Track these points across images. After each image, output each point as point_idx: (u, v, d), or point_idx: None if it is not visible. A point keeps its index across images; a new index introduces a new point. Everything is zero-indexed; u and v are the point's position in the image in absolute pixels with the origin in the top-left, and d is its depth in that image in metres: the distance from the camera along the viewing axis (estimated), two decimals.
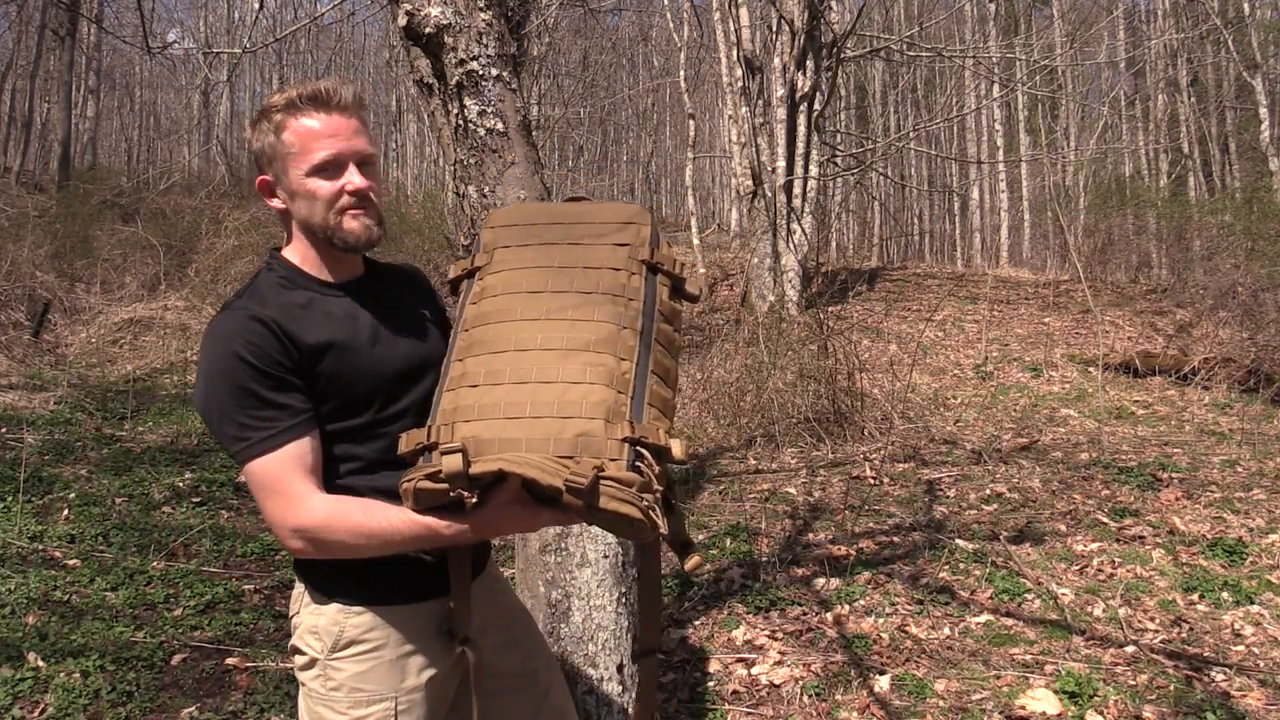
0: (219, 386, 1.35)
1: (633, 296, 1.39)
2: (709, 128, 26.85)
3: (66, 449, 5.84)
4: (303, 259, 1.51)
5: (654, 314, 1.40)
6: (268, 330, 1.36)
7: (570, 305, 1.37)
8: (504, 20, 2.21)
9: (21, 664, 3.07)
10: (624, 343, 1.33)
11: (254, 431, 1.35)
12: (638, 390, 1.30)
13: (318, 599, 1.47)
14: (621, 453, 1.23)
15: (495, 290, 1.42)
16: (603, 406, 1.26)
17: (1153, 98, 21.83)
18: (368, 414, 1.45)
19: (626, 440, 1.24)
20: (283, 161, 1.45)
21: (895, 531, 4.64)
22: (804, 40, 11.04)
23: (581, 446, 1.23)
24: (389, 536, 1.34)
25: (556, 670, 1.73)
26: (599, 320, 1.35)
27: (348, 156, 1.44)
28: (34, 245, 10.91)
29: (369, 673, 1.43)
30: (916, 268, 16.45)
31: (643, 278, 1.42)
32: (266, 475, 1.35)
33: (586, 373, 1.29)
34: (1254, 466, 5.70)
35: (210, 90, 27.25)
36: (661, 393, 1.34)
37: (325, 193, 1.43)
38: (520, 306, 1.39)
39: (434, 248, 11.76)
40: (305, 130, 1.42)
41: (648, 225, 1.47)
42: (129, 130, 28.36)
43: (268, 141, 1.45)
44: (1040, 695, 2.95)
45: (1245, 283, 10.59)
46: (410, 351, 1.51)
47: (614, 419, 1.26)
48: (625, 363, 1.31)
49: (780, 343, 7.59)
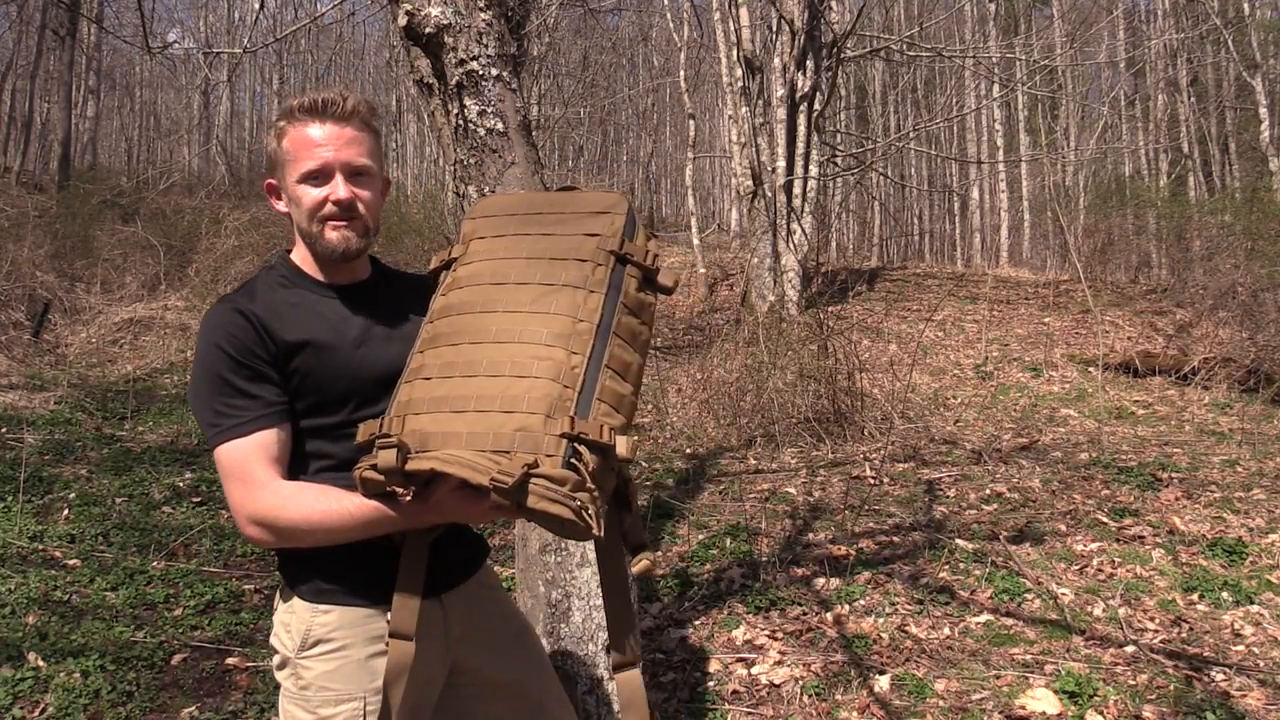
0: (200, 373, 1.42)
1: (594, 288, 1.36)
2: (709, 128, 26.86)
3: (66, 449, 5.84)
4: (303, 260, 1.57)
5: (616, 306, 1.37)
6: (248, 323, 1.41)
7: (530, 298, 1.36)
8: (504, 20, 2.21)
9: (22, 664, 3.07)
10: (579, 336, 1.31)
11: (225, 418, 1.39)
12: (586, 385, 1.28)
13: (289, 595, 1.49)
14: (558, 449, 1.21)
15: (462, 282, 1.42)
16: (545, 401, 1.24)
17: (1153, 98, 21.83)
18: (342, 413, 1.47)
19: (564, 436, 1.22)
20: (283, 168, 1.51)
21: (895, 531, 4.64)
22: (804, 40, 11.04)
23: (519, 442, 1.22)
24: (342, 519, 1.35)
25: (552, 679, 1.71)
26: (555, 313, 1.33)
27: (335, 167, 1.47)
28: (34, 245, 10.91)
29: (336, 672, 1.43)
30: (916, 268, 16.45)
31: (609, 269, 1.39)
32: (231, 460, 1.39)
33: (534, 366, 1.28)
34: (1254, 466, 5.70)
35: (210, 90, 27.26)
36: (616, 388, 1.31)
37: (309, 201, 1.48)
38: (483, 299, 1.38)
39: (434, 248, 11.74)
40: (301, 138, 1.48)
41: (622, 214, 1.44)
42: (129, 130, 28.37)
43: (272, 147, 1.53)
44: (1040, 695, 2.95)
45: (1245, 283, 10.59)
46: (397, 357, 1.50)
47: (555, 414, 1.24)
48: (576, 356, 1.29)
49: (780, 343, 7.59)
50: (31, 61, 17.93)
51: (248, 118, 29.89)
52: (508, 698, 1.61)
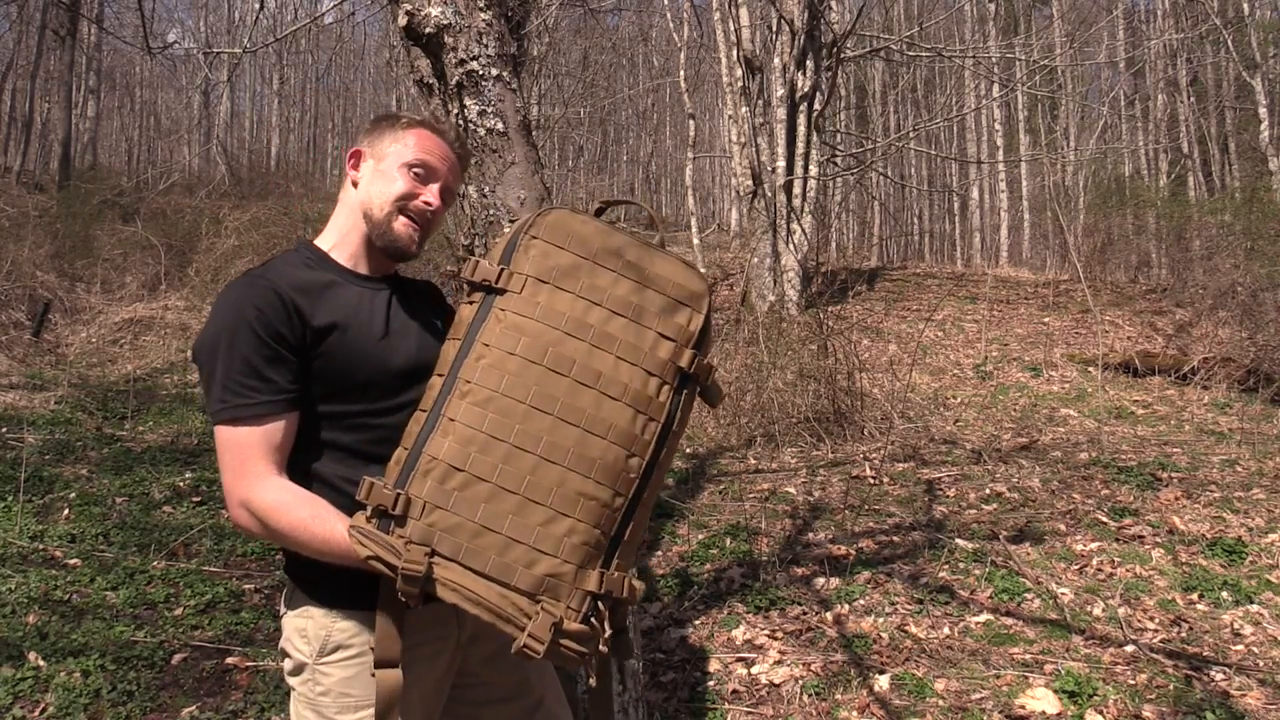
0: (219, 343, 1.38)
1: (655, 416, 1.30)
2: (709, 128, 26.85)
3: (67, 449, 5.84)
4: (334, 247, 1.55)
5: (670, 436, 1.32)
6: (280, 301, 1.39)
7: (590, 404, 1.27)
8: (504, 20, 2.21)
9: (22, 663, 3.08)
10: (626, 475, 1.27)
11: (235, 396, 1.36)
12: (619, 531, 1.27)
13: (304, 601, 1.46)
14: (582, 605, 1.23)
15: (515, 339, 1.31)
16: (581, 551, 1.24)
17: (1152, 98, 21.82)
18: (361, 402, 1.45)
19: (591, 594, 1.24)
20: (392, 144, 1.55)
21: (895, 531, 4.64)
22: (804, 40, 11.04)
23: (546, 588, 1.22)
24: (330, 549, 1.34)
25: (552, 678, 1.71)
26: (611, 441, 1.27)
27: (441, 175, 1.56)
28: (34, 245, 10.91)
29: (355, 678, 1.42)
30: (916, 267, 16.45)
31: (673, 389, 1.32)
32: (233, 442, 1.37)
33: (578, 506, 1.25)
34: (1253, 466, 5.71)
35: (210, 90, 27.25)
36: (644, 522, 1.31)
37: (404, 186, 1.52)
38: (536, 380, 1.27)
39: (434, 247, 11.75)
40: (428, 139, 1.56)
41: (703, 312, 1.36)
42: (129, 130, 28.37)
43: (390, 131, 1.56)
44: (1040, 695, 2.95)
45: (1245, 282, 10.60)
46: (418, 353, 1.50)
47: (587, 565, 1.24)
48: (619, 499, 1.27)
49: (780, 343, 7.60)
50: (32, 61, 17.93)
51: (248, 118, 29.90)
52: (511, 697, 1.61)
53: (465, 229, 2.24)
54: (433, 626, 1.48)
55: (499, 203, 2.15)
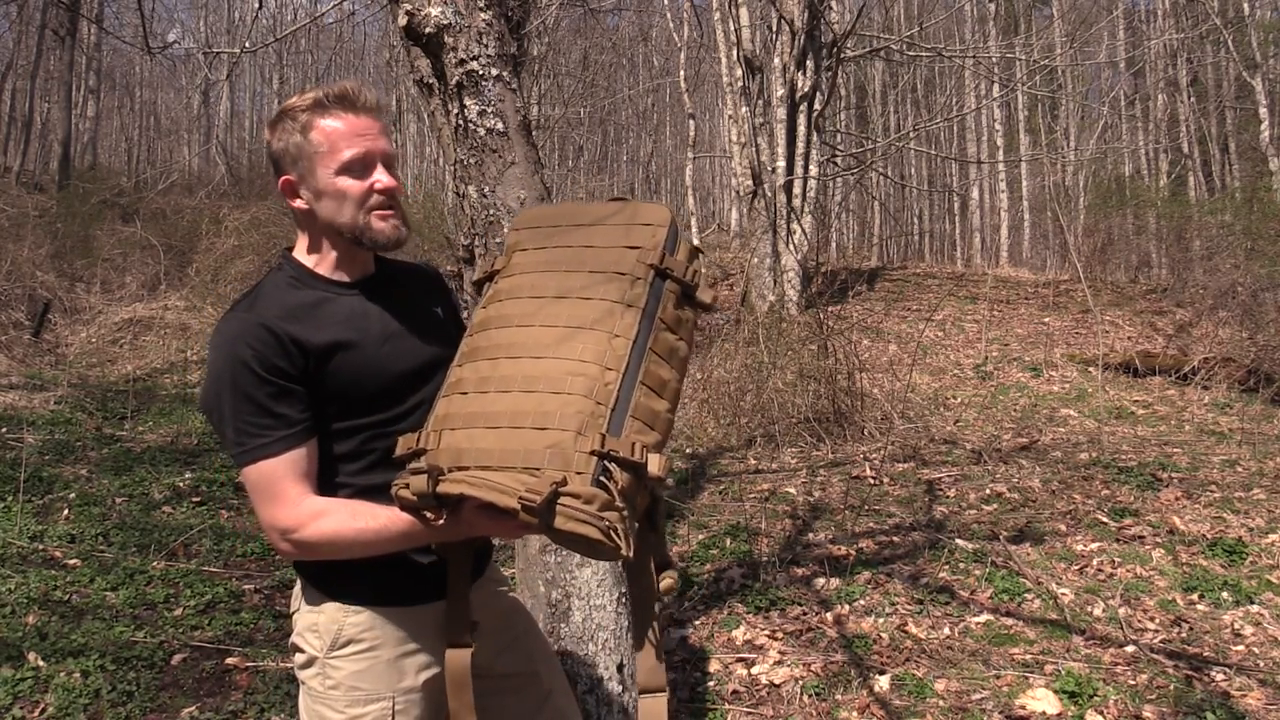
0: (222, 389, 1.37)
1: (632, 303, 1.34)
2: (709, 128, 26.84)
3: (66, 449, 5.84)
4: (316, 260, 1.51)
5: (654, 322, 1.36)
6: (273, 337, 1.37)
7: (567, 313, 1.35)
8: (504, 20, 2.21)
9: (22, 663, 3.07)
10: (614, 352, 1.30)
11: (251, 438, 1.36)
12: (620, 402, 1.26)
13: (317, 597, 1.48)
14: (588, 466, 1.20)
15: (502, 295, 1.42)
16: (577, 418, 1.23)
17: (1153, 98, 21.82)
18: (375, 414, 1.45)
19: (595, 453, 1.21)
20: (309, 161, 1.44)
21: (895, 531, 4.64)
22: (804, 40, 11.04)
23: (549, 459, 1.21)
24: (377, 535, 1.36)
25: (559, 671, 1.73)
26: (591, 328, 1.32)
27: (376, 155, 1.45)
28: (34, 245, 10.91)
29: (366, 672, 1.44)
30: (916, 268, 16.45)
31: (648, 283, 1.37)
32: (262, 479, 1.37)
33: (568, 383, 1.27)
34: (1254, 466, 5.70)
35: (210, 90, 27.26)
36: (651, 405, 1.30)
37: (356, 191, 1.43)
38: (520, 313, 1.38)
39: (434, 248, 11.77)
40: (333, 130, 1.43)
41: (664, 227, 1.43)
42: (129, 130, 28.35)
43: (293, 141, 1.44)
44: (1040, 695, 2.95)
45: (1245, 282, 10.60)
46: (420, 350, 1.50)
47: (587, 430, 1.22)
48: (611, 373, 1.28)
49: (780, 343, 7.60)
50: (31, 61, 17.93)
51: (248, 118, 29.89)
52: (519, 690, 1.62)
53: (465, 229, 2.24)
54: (438, 622, 1.49)
55: (499, 203, 2.15)
